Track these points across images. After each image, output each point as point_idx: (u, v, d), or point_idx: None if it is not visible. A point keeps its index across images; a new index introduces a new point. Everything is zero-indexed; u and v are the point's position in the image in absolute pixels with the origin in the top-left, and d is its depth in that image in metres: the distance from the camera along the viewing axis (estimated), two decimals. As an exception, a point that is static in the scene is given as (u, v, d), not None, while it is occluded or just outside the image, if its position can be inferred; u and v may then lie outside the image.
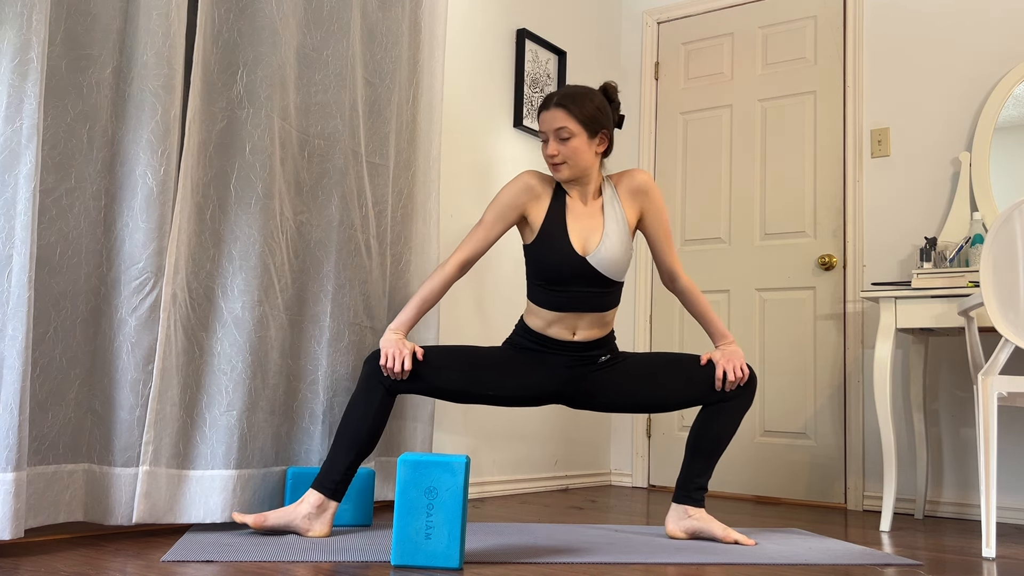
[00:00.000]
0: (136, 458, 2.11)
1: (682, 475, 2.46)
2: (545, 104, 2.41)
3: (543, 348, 2.43)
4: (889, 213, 3.58)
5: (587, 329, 2.42)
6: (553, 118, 2.37)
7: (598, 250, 2.37)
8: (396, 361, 2.26)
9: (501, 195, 2.43)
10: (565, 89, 2.42)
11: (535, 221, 2.42)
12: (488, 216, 2.43)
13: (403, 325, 2.36)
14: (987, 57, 3.45)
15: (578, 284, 2.38)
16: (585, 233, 2.40)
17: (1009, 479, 3.27)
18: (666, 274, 2.56)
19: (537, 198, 2.43)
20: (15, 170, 1.89)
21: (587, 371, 2.46)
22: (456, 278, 2.42)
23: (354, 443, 2.26)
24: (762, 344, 3.84)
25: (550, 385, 2.45)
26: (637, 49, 4.33)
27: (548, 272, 2.38)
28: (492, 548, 2.16)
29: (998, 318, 2.41)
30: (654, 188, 2.50)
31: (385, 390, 2.29)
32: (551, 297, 2.39)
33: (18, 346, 1.84)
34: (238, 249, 2.33)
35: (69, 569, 1.74)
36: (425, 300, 2.38)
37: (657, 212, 2.50)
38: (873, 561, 2.22)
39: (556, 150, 2.37)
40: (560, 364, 2.44)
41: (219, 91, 2.34)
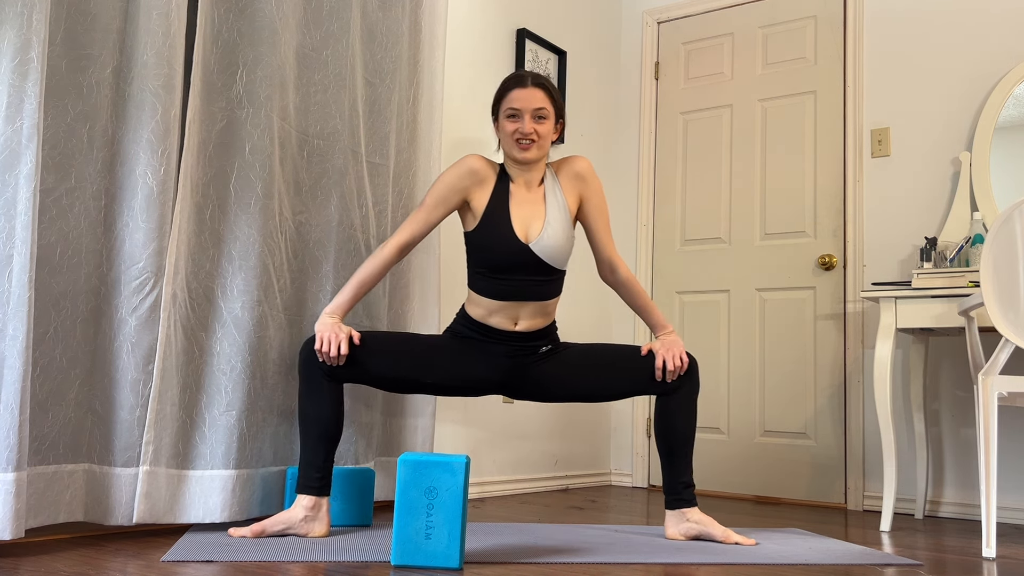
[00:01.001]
0: (136, 458, 2.11)
1: (666, 480, 2.45)
2: (521, 81, 2.37)
3: (484, 337, 2.41)
4: (889, 213, 3.58)
5: (529, 318, 2.40)
6: (533, 97, 2.35)
7: (540, 237, 2.35)
8: (332, 345, 2.21)
9: (443, 178, 2.39)
10: (533, 72, 2.39)
11: (477, 207, 2.39)
12: (429, 199, 2.40)
13: (339, 308, 2.31)
14: (987, 57, 3.45)
15: (520, 272, 2.35)
16: (528, 220, 2.38)
17: (1009, 479, 3.27)
18: (605, 264, 2.54)
19: (480, 183, 2.40)
20: (15, 170, 1.89)
21: (528, 361, 2.44)
22: (395, 261, 2.38)
23: (320, 436, 2.23)
24: (762, 344, 3.84)
25: (491, 374, 2.42)
26: (637, 49, 4.33)
27: (490, 260, 2.36)
28: (492, 548, 2.16)
29: (998, 318, 2.41)
30: (593, 175, 2.49)
31: (325, 377, 2.25)
32: (493, 285, 2.36)
33: (19, 346, 1.84)
34: (237, 249, 2.33)
35: (69, 569, 1.74)
36: (362, 283, 2.34)
37: (597, 200, 2.49)
38: (873, 561, 2.22)
39: (532, 128, 2.34)
40: (501, 354, 2.42)
41: (219, 91, 2.34)
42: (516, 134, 2.36)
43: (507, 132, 2.38)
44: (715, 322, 3.97)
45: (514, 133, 2.36)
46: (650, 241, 4.18)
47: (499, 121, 2.42)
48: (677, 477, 2.42)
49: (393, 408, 2.82)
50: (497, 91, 2.44)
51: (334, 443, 2.26)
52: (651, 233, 4.18)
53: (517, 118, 2.36)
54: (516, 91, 2.37)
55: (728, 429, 3.90)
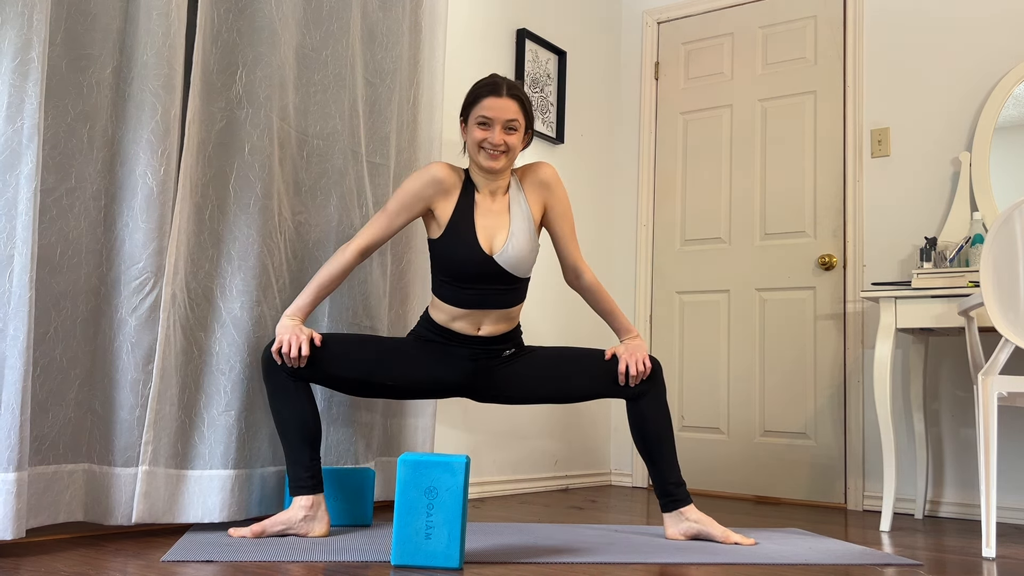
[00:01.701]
0: (136, 458, 2.11)
1: (656, 484, 2.44)
2: (495, 90, 2.33)
3: (447, 341, 2.41)
4: (889, 213, 3.58)
5: (492, 324, 2.40)
6: (507, 107, 2.32)
7: (505, 249, 2.35)
8: (292, 347, 2.20)
9: (407, 185, 2.37)
10: (508, 80, 2.37)
11: (442, 216, 2.37)
12: (392, 205, 2.38)
13: (299, 310, 2.30)
14: (987, 57, 3.45)
15: (484, 282, 2.35)
16: (492, 231, 2.37)
17: (1009, 479, 3.27)
18: (570, 271, 2.54)
19: (445, 193, 2.38)
20: (16, 170, 1.89)
21: (491, 364, 2.44)
22: (355, 264, 2.37)
23: (302, 436, 2.23)
24: (762, 344, 3.84)
25: (453, 376, 2.42)
26: (637, 49, 4.33)
27: (453, 269, 2.35)
28: (492, 548, 2.16)
29: (998, 318, 2.41)
30: (558, 182, 2.48)
31: (289, 377, 2.25)
32: (456, 294, 2.36)
33: (19, 346, 1.84)
34: (237, 249, 2.33)
35: (69, 569, 1.75)
36: (322, 286, 2.33)
37: (561, 208, 2.48)
38: (873, 561, 2.22)
39: (503, 140, 2.32)
40: (464, 356, 2.41)
41: (218, 91, 2.34)
42: (485, 143, 2.33)
43: (475, 139, 2.34)
44: (715, 322, 3.97)
45: (483, 142, 2.33)
46: (650, 241, 4.18)
47: (468, 125, 2.38)
48: (666, 479, 2.42)
49: (393, 408, 2.82)
50: (469, 95, 2.39)
51: (317, 440, 2.26)
52: (651, 233, 4.18)
53: (488, 127, 2.33)
54: (490, 100, 2.32)
55: (728, 429, 3.90)
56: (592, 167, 4.14)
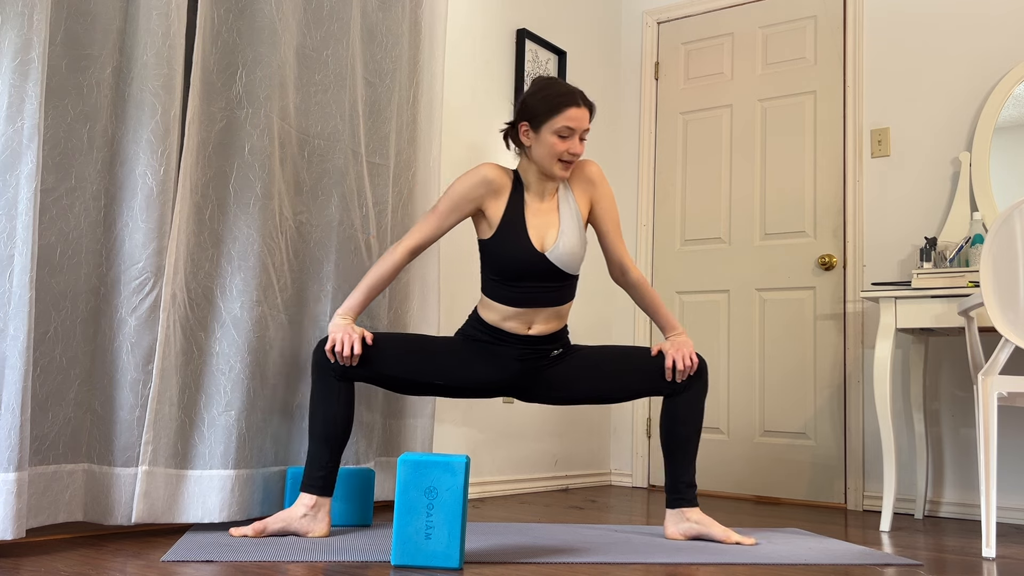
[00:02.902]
0: (135, 458, 2.11)
1: (668, 479, 2.45)
2: (575, 100, 2.33)
3: (496, 340, 2.41)
4: (889, 213, 3.58)
5: (544, 323, 2.41)
6: (585, 117, 2.35)
7: (556, 246, 2.36)
8: (345, 345, 2.23)
9: (458, 186, 2.38)
10: (576, 87, 2.38)
11: (493, 216, 2.39)
12: (443, 205, 2.39)
13: (351, 310, 2.33)
14: (987, 57, 3.45)
15: (535, 279, 2.36)
16: (543, 230, 2.39)
17: (1009, 479, 3.27)
18: (616, 267, 2.55)
19: (495, 193, 2.39)
20: (16, 170, 1.89)
21: (539, 365, 2.45)
22: (405, 263, 2.39)
23: (326, 436, 2.25)
24: (762, 344, 3.84)
25: (501, 377, 2.43)
26: (637, 49, 4.33)
27: (506, 268, 2.36)
28: (492, 548, 2.16)
29: (998, 318, 2.41)
30: (603, 179, 2.50)
31: (337, 377, 2.27)
32: (508, 292, 2.37)
33: (19, 346, 1.84)
34: (237, 249, 2.33)
35: (69, 569, 1.74)
36: (373, 286, 2.35)
37: (607, 203, 2.50)
38: (873, 561, 2.22)
39: (580, 149, 2.36)
40: (512, 357, 2.42)
41: (218, 91, 2.34)
42: (566, 154, 2.34)
43: (554, 149, 2.33)
44: (715, 322, 3.97)
45: (563, 152, 2.34)
46: (650, 241, 4.18)
47: (539, 134, 2.35)
48: (679, 476, 2.42)
49: (393, 408, 2.82)
50: (546, 101, 2.34)
51: (340, 444, 2.27)
52: (651, 233, 4.18)
53: (569, 138, 2.34)
54: (573, 110, 2.32)
55: (728, 429, 3.90)
56: (592, 167, 4.14)
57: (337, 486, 2.42)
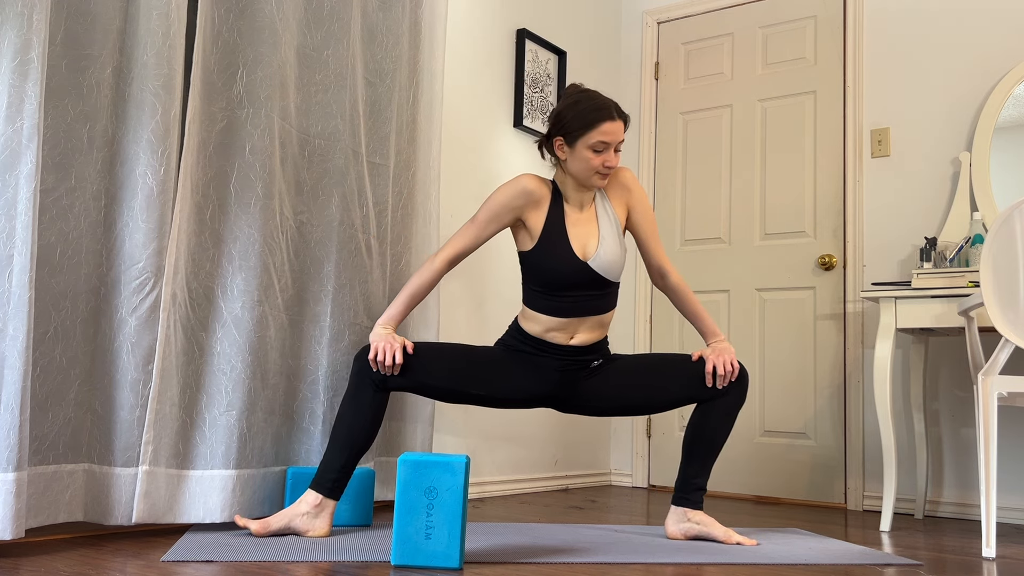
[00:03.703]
0: (136, 458, 2.11)
1: (680, 477, 2.46)
2: (610, 114, 2.33)
3: (536, 351, 2.42)
4: (889, 213, 3.58)
5: (587, 332, 2.42)
6: (619, 130, 2.35)
7: (598, 254, 2.38)
8: (387, 355, 2.24)
9: (498, 196, 2.40)
10: (610, 99, 2.37)
11: (534, 227, 2.40)
12: (482, 215, 2.40)
13: (392, 319, 2.35)
14: (987, 57, 3.45)
15: (578, 288, 2.37)
16: (584, 239, 2.40)
17: (1009, 479, 3.27)
18: (655, 271, 2.56)
19: (536, 204, 2.41)
20: (16, 170, 1.89)
21: (579, 376, 2.45)
22: (444, 273, 2.41)
23: (349, 442, 2.25)
24: (762, 344, 3.84)
25: (541, 388, 2.44)
26: (637, 49, 4.33)
27: (550, 278, 2.37)
28: (492, 548, 2.16)
29: (998, 318, 2.41)
30: (638, 185, 2.51)
31: (375, 386, 2.28)
32: (552, 303, 2.38)
33: (19, 346, 1.84)
34: (238, 249, 2.33)
35: (69, 569, 1.74)
36: (414, 295, 2.37)
37: (643, 209, 2.51)
38: (873, 561, 2.22)
39: (616, 161, 2.36)
40: (552, 368, 2.43)
41: (219, 91, 2.34)
42: (602, 167, 2.35)
43: (591, 163, 2.34)
44: (715, 322, 3.97)
45: (599, 166, 2.35)
46: (650, 241, 4.17)
47: (575, 148, 2.35)
48: (692, 478, 2.43)
49: (393, 409, 2.82)
50: (581, 116, 2.33)
51: (359, 453, 2.28)
52: (651, 233, 4.18)
53: (604, 152, 2.35)
54: (608, 124, 2.32)
55: (728, 429, 3.90)
56: (592, 167, 4.13)
57: (337, 486, 2.42)
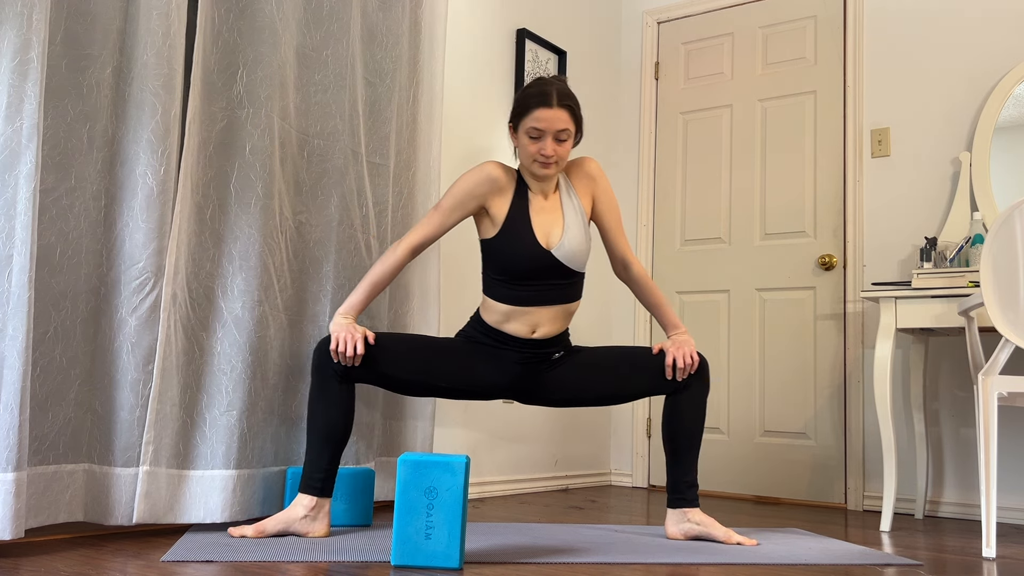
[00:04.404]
0: (136, 458, 2.11)
1: (669, 479, 2.44)
2: (546, 100, 2.29)
3: (497, 344, 2.40)
4: (889, 213, 3.58)
5: (549, 323, 2.39)
6: (558, 118, 2.29)
7: (561, 243, 2.36)
8: (348, 345, 2.21)
9: (462, 183, 2.37)
10: (559, 86, 2.33)
11: (497, 215, 2.37)
12: (446, 202, 2.38)
13: (353, 308, 2.31)
14: (987, 57, 3.45)
15: (541, 277, 2.35)
16: (547, 227, 2.38)
17: (1009, 479, 3.27)
18: (619, 262, 2.55)
19: (500, 191, 2.38)
20: (15, 170, 1.89)
21: (541, 368, 2.44)
22: (407, 261, 2.38)
23: (327, 437, 2.24)
24: (762, 344, 3.84)
25: (502, 380, 2.42)
26: (637, 49, 4.33)
27: (510, 266, 2.35)
28: (492, 548, 2.16)
29: (998, 318, 2.41)
30: (603, 175, 2.49)
31: (338, 378, 2.25)
32: (513, 292, 2.36)
33: (18, 346, 1.84)
34: (238, 249, 2.33)
35: (69, 569, 1.74)
36: (375, 284, 2.34)
37: (608, 199, 2.50)
38: (873, 561, 2.22)
39: (554, 151, 2.31)
40: (513, 360, 2.41)
41: (219, 91, 2.34)
42: (539, 155, 2.32)
43: (528, 150, 2.33)
44: (715, 322, 3.97)
45: (536, 154, 2.32)
46: (650, 241, 4.18)
47: (518, 134, 2.36)
48: (681, 476, 2.42)
49: (393, 409, 2.82)
50: (519, 101, 2.34)
51: (340, 446, 2.26)
52: (651, 233, 4.18)
53: (539, 139, 2.31)
54: (541, 111, 2.28)
55: (728, 429, 3.90)
56: (592, 167, 4.13)
57: (337, 486, 2.41)
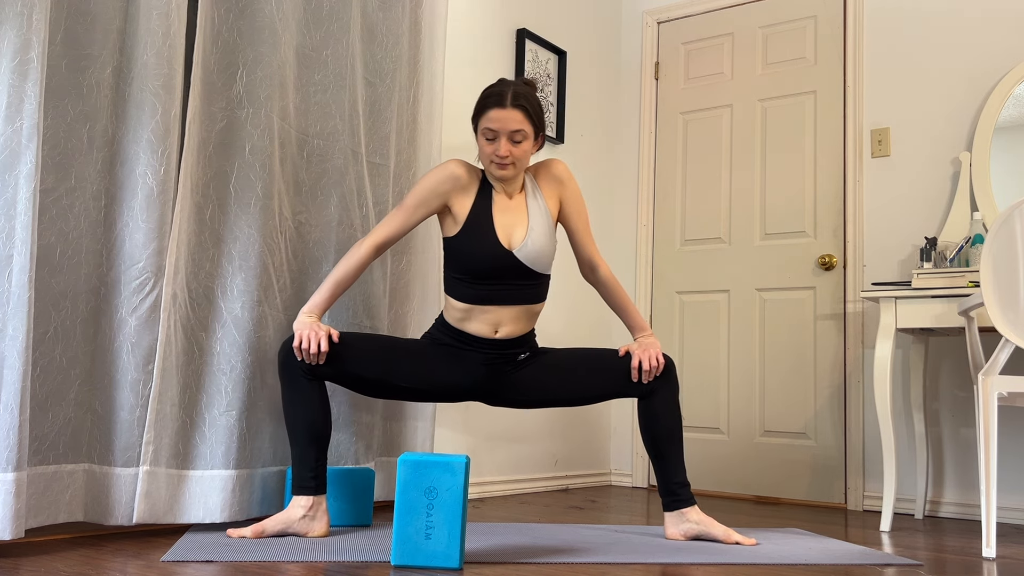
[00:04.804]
0: (136, 458, 2.11)
1: (661, 483, 2.44)
2: (499, 101, 2.29)
3: (462, 345, 2.39)
4: (889, 213, 3.58)
5: (512, 323, 2.37)
6: (511, 118, 2.29)
7: (524, 244, 2.34)
8: (312, 342, 2.19)
9: (425, 181, 2.37)
10: (516, 87, 2.33)
11: (459, 213, 2.36)
12: (410, 200, 2.37)
13: (316, 307, 2.29)
14: (987, 57, 3.45)
15: (502, 277, 2.34)
16: (510, 228, 2.36)
17: (1009, 479, 3.27)
18: (586, 264, 2.54)
19: (463, 189, 2.37)
20: (15, 170, 1.89)
21: (506, 369, 2.43)
22: (371, 260, 2.36)
23: (309, 436, 2.22)
24: (762, 344, 3.84)
25: (467, 381, 2.41)
26: (637, 49, 4.33)
27: (471, 266, 2.33)
28: (492, 548, 2.16)
29: (998, 318, 2.41)
30: (571, 178, 2.48)
31: (306, 375, 2.24)
32: (472, 291, 2.34)
33: (19, 346, 1.84)
34: (238, 249, 2.33)
35: (69, 569, 1.74)
36: (339, 282, 2.31)
37: (575, 202, 2.48)
38: (873, 561, 2.22)
39: (508, 151, 2.30)
40: (478, 362, 2.40)
41: (219, 91, 2.34)
42: (494, 156, 2.31)
43: (484, 151, 2.34)
44: (715, 322, 3.97)
45: (491, 155, 2.32)
46: (650, 241, 4.18)
47: (477, 134, 2.37)
48: (671, 478, 2.41)
49: (393, 409, 2.82)
50: (477, 103, 2.36)
51: (324, 441, 2.25)
52: (651, 233, 4.18)
53: (494, 140, 2.31)
54: (494, 111, 2.29)
55: (728, 429, 3.90)
56: (592, 167, 4.14)
57: (337, 486, 2.42)
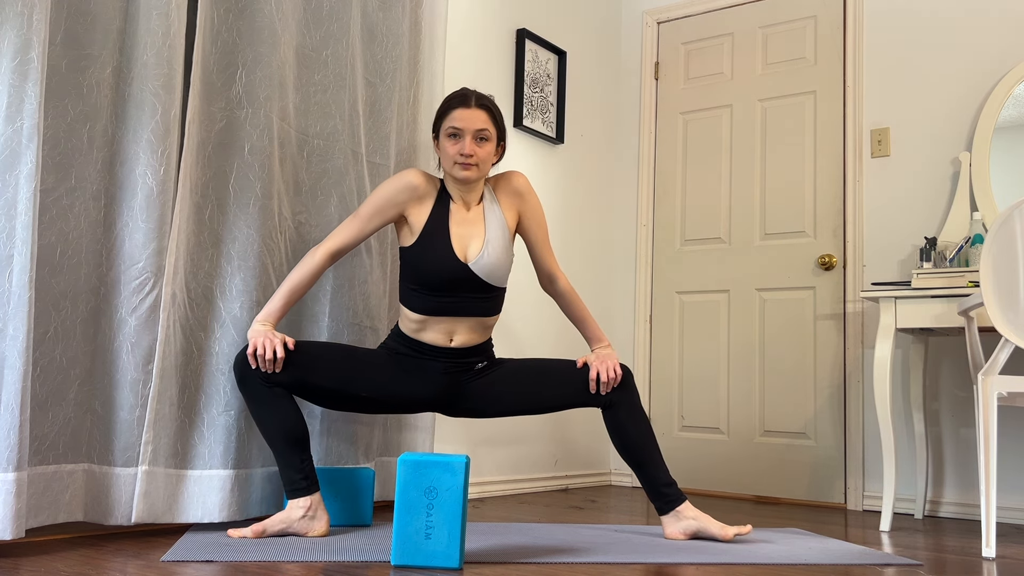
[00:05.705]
0: (135, 458, 2.11)
1: (647, 488, 2.43)
2: (465, 101, 2.33)
3: (418, 354, 2.38)
4: (889, 213, 3.58)
5: (466, 334, 2.37)
6: (476, 117, 2.32)
7: (480, 257, 2.34)
8: (267, 348, 2.17)
9: (381, 190, 2.37)
10: (479, 92, 2.37)
11: (416, 223, 2.36)
12: (365, 209, 2.37)
13: (271, 315, 2.26)
14: (987, 57, 3.45)
15: (457, 290, 2.33)
16: (467, 240, 2.36)
17: (1009, 479, 3.27)
18: (545, 276, 2.55)
19: (420, 199, 2.37)
20: (16, 170, 1.89)
21: (463, 378, 2.42)
22: (325, 268, 2.35)
23: (287, 441, 2.20)
24: (762, 344, 3.84)
25: (426, 391, 2.39)
26: (637, 49, 4.33)
27: (426, 277, 2.32)
28: (492, 548, 2.16)
29: (998, 318, 2.41)
30: (531, 191, 2.49)
31: (265, 384, 2.20)
32: (427, 302, 2.33)
33: (19, 346, 1.84)
34: (237, 249, 2.33)
35: (69, 569, 1.75)
36: (293, 290, 2.29)
37: (535, 215, 2.49)
38: (873, 561, 2.22)
39: (473, 151, 2.31)
40: (436, 371, 2.39)
41: (218, 91, 2.34)
42: (458, 155, 2.32)
43: (448, 152, 2.34)
44: (715, 322, 3.97)
45: (456, 154, 2.32)
46: (650, 241, 4.18)
47: (439, 139, 2.38)
48: (657, 482, 2.41)
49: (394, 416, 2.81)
50: (439, 109, 2.39)
51: (304, 440, 2.23)
52: (651, 233, 4.18)
53: (458, 138, 2.32)
54: (459, 111, 2.32)
55: (728, 429, 3.90)
56: (592, 167, 4.14)
57: (337, 486, 2.42)
